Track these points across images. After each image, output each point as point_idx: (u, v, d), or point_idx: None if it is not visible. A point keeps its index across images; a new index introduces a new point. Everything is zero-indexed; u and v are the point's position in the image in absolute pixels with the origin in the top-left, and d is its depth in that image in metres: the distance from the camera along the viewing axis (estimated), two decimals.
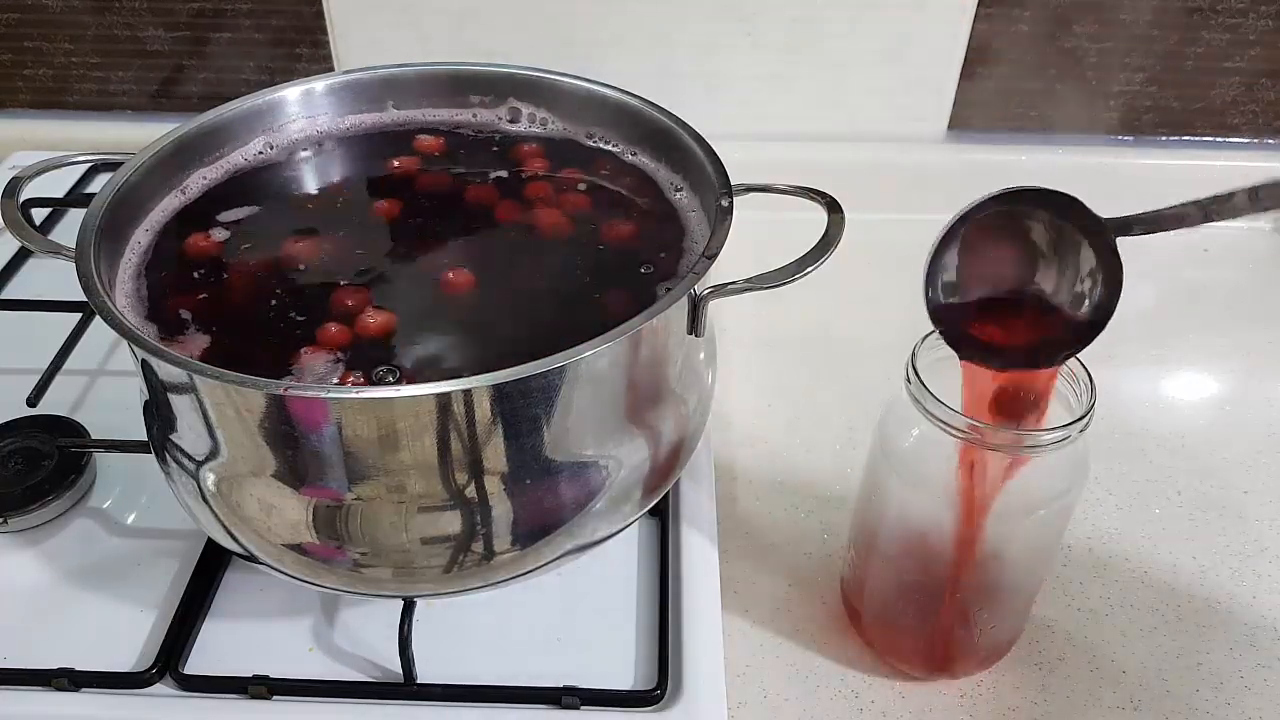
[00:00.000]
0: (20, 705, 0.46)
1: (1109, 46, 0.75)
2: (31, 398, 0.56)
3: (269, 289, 0.46)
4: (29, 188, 0.47)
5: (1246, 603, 0.53)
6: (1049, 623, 0.51)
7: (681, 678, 0.47)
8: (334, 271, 0.47)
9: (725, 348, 0.56)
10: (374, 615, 0.50)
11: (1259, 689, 0.49)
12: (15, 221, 0.45)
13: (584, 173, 0.53)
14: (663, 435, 0.45)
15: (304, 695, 0.46)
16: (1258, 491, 0.59)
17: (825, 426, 0.62)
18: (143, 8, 0.77)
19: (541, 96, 0.55)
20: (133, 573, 0.52)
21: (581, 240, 0.49)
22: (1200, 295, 0.75)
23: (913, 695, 0.48)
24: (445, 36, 0.76)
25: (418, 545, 0.41)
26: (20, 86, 0.82)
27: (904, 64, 0.77)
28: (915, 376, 0.42)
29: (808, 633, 0.51)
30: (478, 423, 0.38)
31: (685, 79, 0.77)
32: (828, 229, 0.45)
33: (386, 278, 0.47)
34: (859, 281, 0.72)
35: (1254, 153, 0.80)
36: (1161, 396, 0.66)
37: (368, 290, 0.45)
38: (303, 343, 0.43)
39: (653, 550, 0.53)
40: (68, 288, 0.42)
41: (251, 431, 0.39)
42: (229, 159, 0.53)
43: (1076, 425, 0.40)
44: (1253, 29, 0.74)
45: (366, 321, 0.44)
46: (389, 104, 0.56)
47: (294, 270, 0.47)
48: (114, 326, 0.39)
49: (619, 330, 0.38)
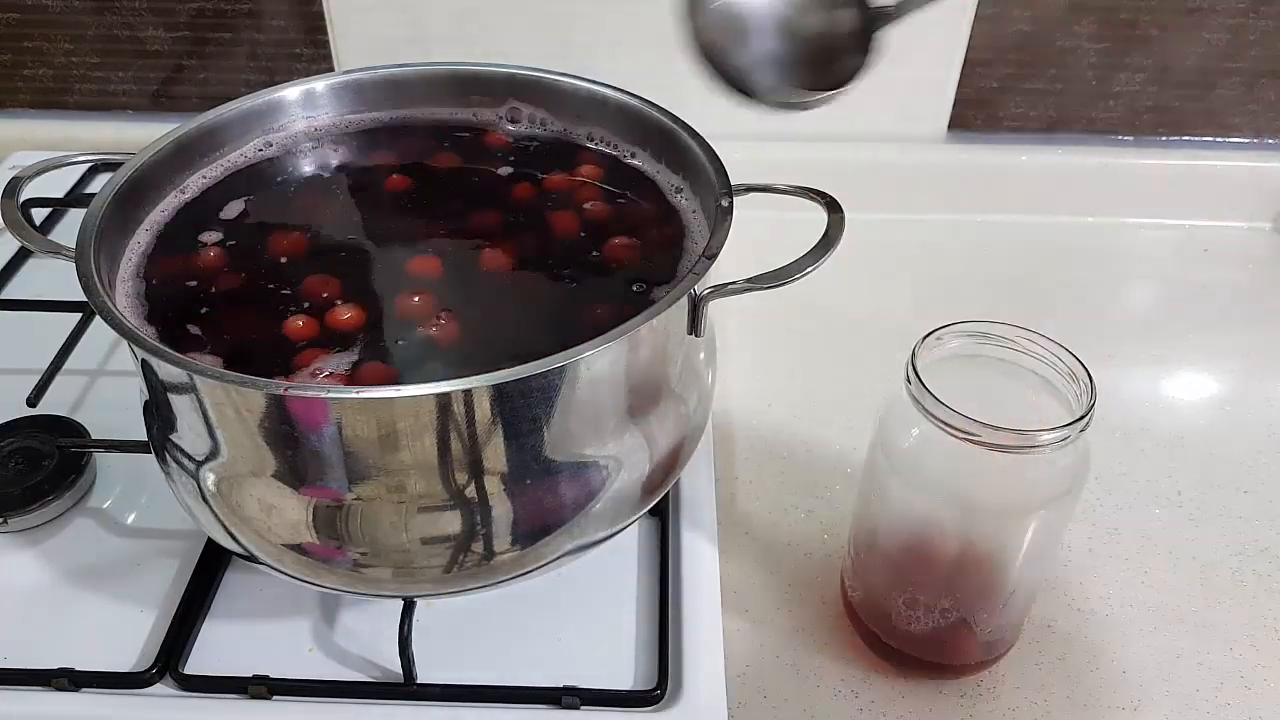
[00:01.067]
0: (20, 705, 0.46)
1: (1109, 46, 0.75)
2: (31, 398, 0.56)
3: (269, 288, 0.46)
4: (29, 188, 0.47)
5: (1246, 603, 0.53)
6: (1049, 623, 0.51)
7: (681, 678, 0.47)
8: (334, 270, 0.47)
9: (725, 348, 0.56)
10: (374, 615, 0.50)
11: (1259, 689, 0.49)
12: (15, 221, 0.45)
13: (584, 173, 0.53)
14: (663, 435, 0.45)
15: (304, 695, 0.46)
16: (1258, 491, 0.59)
17: (825, 426, 0.62)
18: (143, 8, 0.77)
19: (541, 96, 0.55)
20: (133, 573, 0.52)
21: (581, 240, 0.49)
22: (1200, 295, 0.75)
23: (913, 695, 0.48)
24: (445, 36, 0.76)
25: (418, 545, 0.41)
26: (20, 86, 0.82)
27: (904, 64, 0.76)
28: (915, 376, 0.42)
29: (808, 633, 0.51)
30: (478, 423, 0.38)
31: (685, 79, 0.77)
32: (828, 229, 0.45)
33: (386, 276, 0.47)
34: (859, 281, 0.72)
35: (1254, 153, 0.80)
36: (1161, 396, 0.66)
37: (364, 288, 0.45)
38: (303, 340, 0.43)
39: (653, 550, 0.53)
40: (68, 288, 0.42)
41: (251, 431, 0.39)
42: (229, 159, 0.53)
43: (1076, 425, 0.40)
44: (1253, 29, 0.74)
45: (360, 318, 0.44)
46: (389, 104, 0.56)
47: (294, 270, 0.47)
48: (114, 326, 0.39)
49: (619, 330, 0.38)
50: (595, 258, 0.48)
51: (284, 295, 0.45)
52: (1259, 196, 0.80)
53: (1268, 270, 0.77)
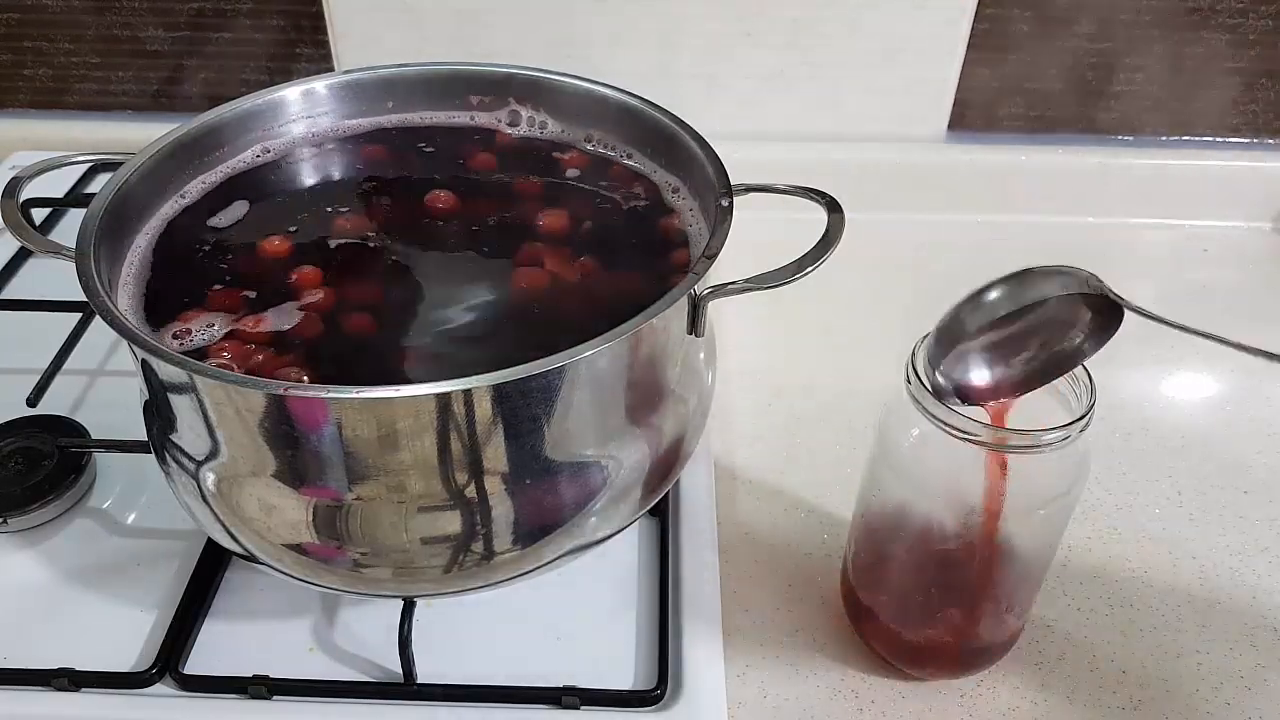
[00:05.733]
0: (20, 705, 0.46)
1: (1109, 46, 0.75)
2: (31, 398, 0.56)
3: (269, 288, 0.46)
4: (29, 188, 0.47)
5: (1246, 603, 0.53)
6: (1049, 623, 0.51)
7: (681, 678, 0.47)
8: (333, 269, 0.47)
9: (725, 348, 0.56)
10: (374, 615, 0.50)
11: (1259, 689, 0.49)
12: (15, 221, 0.45)
13: (584, 174, 0.53)
14: (663, 435, 0.45)
15: (304, 695, 0.46)
16: (1258, 491, 0.59)
17: (825, 426, 0.62)
18: (143, 8, 0.77)
19: (541, 97, 0.55)
20: (133, 573, 0.52)
21: (582, 239, 0.49)
22: (1200, 295, 0.75)
23: (913, 695, 0.48)
24: (445, 36, 0.76)
25: (418, 545, 0.41)
26: (20, 86, 0.82)
27: (904, 64, 0.77)
28: (915, 376, 0.42)
29: (808, 633, 0.51)
30: (478, 423, 0.38)
31: (685, 79, 0.77)
32: (828, 229, 0.45)
33: (387, 274, 0.47)
34: (859, 281, 0.72)
35: (1254, 153, 0.80)
36: (1161, 396, 0.66)
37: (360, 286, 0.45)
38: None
39: (653, 550, 0.53)
40: (68, 288, 0.42)
41: (251, 431, 0.39)
42: (229, 159, 0.53)
43: (1076, 425, 0.40)
44: (1253, 29, 0.74)
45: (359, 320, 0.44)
46: (389, 104, 0.56)
47: (294, 269, 0.47)
48: (114, 326, 0.39)
49: (619, 330, 0.38)
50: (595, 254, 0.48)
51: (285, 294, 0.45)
52: (1259, 196, 0.80)
53: (1268, 270, 0.77)
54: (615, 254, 0.48)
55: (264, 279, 0.46)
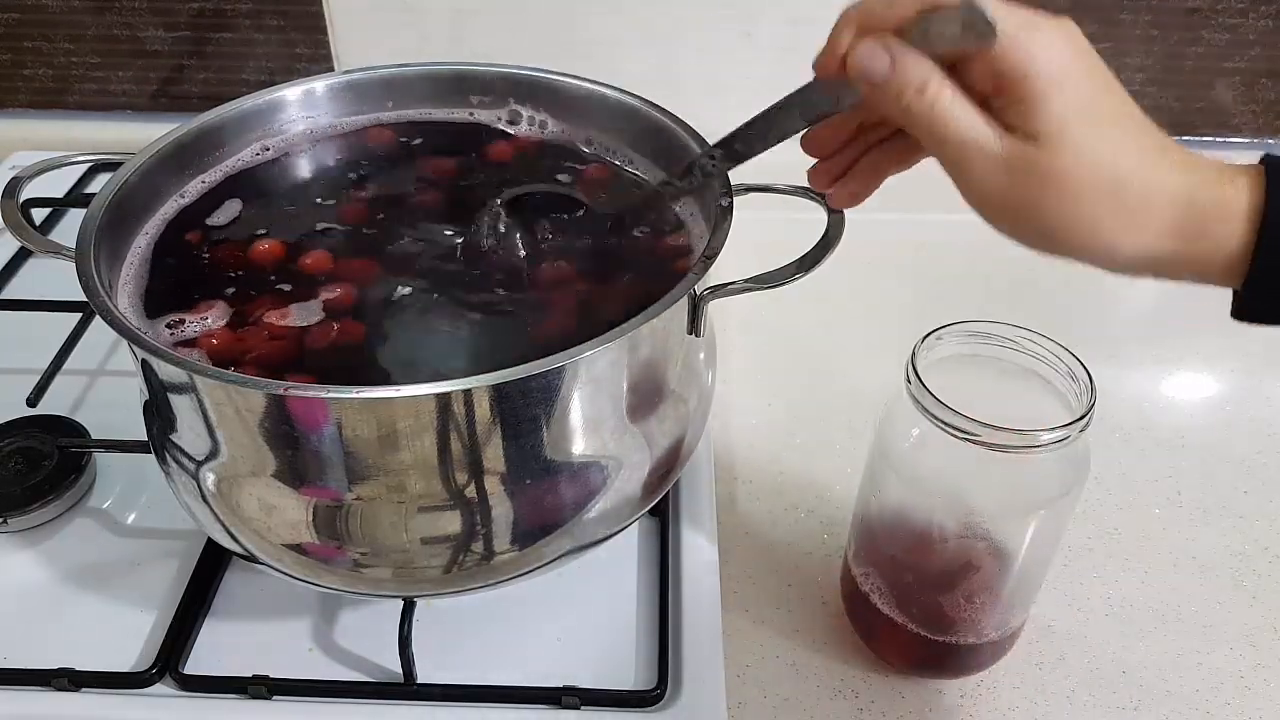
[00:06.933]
0: (20, 705, 0.46)
1: (1109, 46, 0.75)
2: (31, 398, 0.56)
3: (269, 287, 0.46)
4: (29, 188, 0.47)
5: (1246, 603, 0.53)
6: (1049, 623, 0.51)
7: (681, 678, 0.47)
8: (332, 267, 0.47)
9: (725, 348, 0.56)
10: (374, 615, 0.50)
11: (1259, 689, 0.49)
12: (15, 221, 0.45)
13: (583, 174, 0.53)
14: (663, 435, 0.45)
15: (304, 695, 0.46)
16: (1258, 491, 0.59)
17: (825, 426, 0.62)
18: (143, 8, 0.77)
19: (541, 97, 0.55)
20: (133, 573, 0.52)
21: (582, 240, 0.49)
22: (1200, 295, 0.74)
23: (913, 695, 0.48)
24: (445, 36, 0.76)
25: (418, 545, 0.41)
26: (20, 86, 0.82)
27: None
28: (915, 376, 0.42)
29: (808, 633, 0.51)
30: (478, 423, 0.38)
31: (685, 79, 0.77)
32: (828, 229, 0.45)
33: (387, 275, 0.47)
34: (859, 281, 0.72)
35: (1254, 153, 0.79)
36: (1161, 396, 0.66)
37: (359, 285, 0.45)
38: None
39: (653, 550, 0.53)
40: (68, 288, 0.42)
41: (251, 431, 0.39)
42: (229, 159, 0.53)
43: (1076, 425, 0.40)
44: (1253, 29, 0.74)
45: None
46: (389, 104, 0.56)
47: (294, 268, 0.47)
48: (114, 326, 0.39)
49: (619, 330, 0.38)
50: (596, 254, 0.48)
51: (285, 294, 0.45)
52: None
53: None
54: (616, 254, 0.48)
55: (264, 279, 0.46)
